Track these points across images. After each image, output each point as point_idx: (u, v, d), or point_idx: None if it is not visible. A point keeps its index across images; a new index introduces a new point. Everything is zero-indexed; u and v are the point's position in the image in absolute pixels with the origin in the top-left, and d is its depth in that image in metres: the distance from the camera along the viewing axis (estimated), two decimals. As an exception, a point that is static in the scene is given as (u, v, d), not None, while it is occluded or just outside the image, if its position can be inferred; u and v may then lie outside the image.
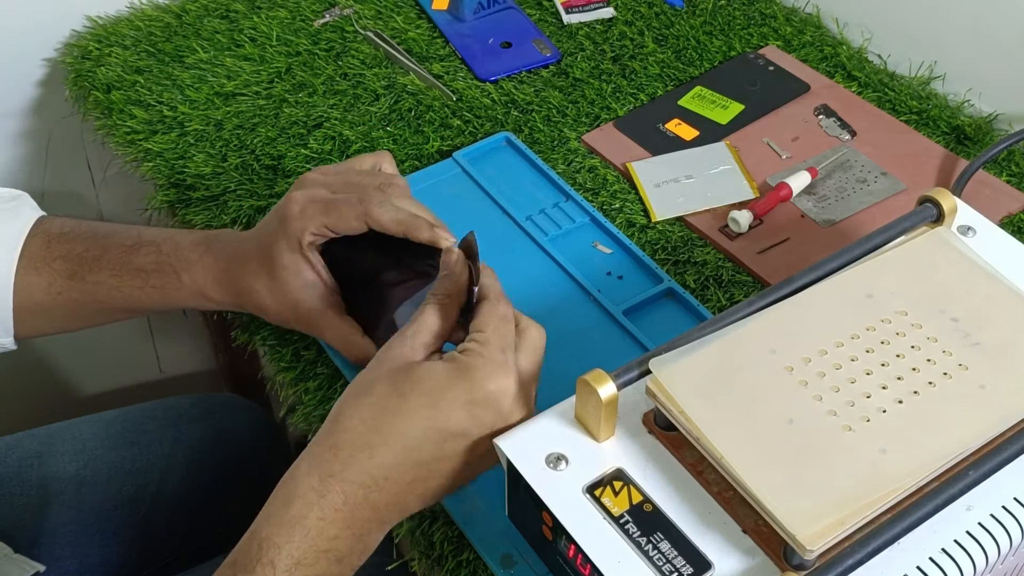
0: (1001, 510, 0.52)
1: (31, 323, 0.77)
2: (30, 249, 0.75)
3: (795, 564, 0.49)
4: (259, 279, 0.70)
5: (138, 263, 0.74)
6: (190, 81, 0.98)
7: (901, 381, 0.54)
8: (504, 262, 0.81)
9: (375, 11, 1.06)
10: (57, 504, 0.91)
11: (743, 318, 0.58)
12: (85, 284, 0.75)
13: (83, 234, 0.76)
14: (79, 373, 1.34)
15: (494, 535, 0.64)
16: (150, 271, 0.73)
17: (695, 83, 0.97)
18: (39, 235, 0.76)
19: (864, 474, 0.50)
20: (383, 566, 0.70)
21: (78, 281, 0.75)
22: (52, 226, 0.77)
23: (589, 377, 0.54)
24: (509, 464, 0.55)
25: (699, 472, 0.54)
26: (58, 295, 0.75)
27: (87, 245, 0.75)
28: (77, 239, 0.76)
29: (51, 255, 0.75)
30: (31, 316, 0.77)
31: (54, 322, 0.79)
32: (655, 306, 0.78)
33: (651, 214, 0.85)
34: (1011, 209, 0.84)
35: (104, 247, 0.75)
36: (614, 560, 0.51)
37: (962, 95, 0.95)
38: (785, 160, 0.89)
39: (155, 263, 0.73)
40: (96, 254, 0.75)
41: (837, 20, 1.03)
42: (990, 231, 0.66)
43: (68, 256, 0.75)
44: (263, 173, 0.89)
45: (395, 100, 0.95)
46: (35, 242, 0.76)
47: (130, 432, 0.97)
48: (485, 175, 0.88)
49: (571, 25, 1.04)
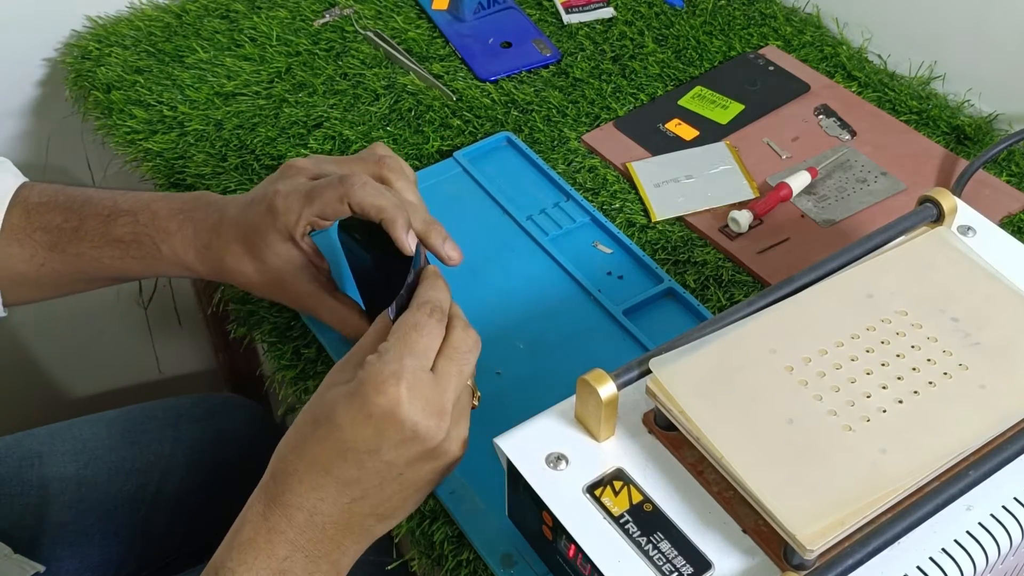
0: (1001, 510, 0.52)
1: (17, 292, 0.78)
2: (11, 220, 0.75)
3: (795, 564, 0.49)
4: (244, 262, 0.70)
5: (116, 233, 0.73)
6: (190, 81, 0.98)
7: (901, 381, 0.54)
8: (504, 262, 0.81)
9: (375, 11, 1.06)
10: (57, 504, 0.91)
11: (743, 318, 0.58)
12: (66, 255, 0.75)
13: (61, 203, 0.76)
14: (79, 373, 1.34)
15: (494, 535, 0.64)
16: (129, 242, 0.73)
17: (695, 83, 0.97)
18: (18, 205, 0.76)
19: (864, 474, 0.50)
20: (383, 566, 0.70)
21: (59, 252, 0.75)
22: (31, 195, 0.77)
23: (589, 377, 0.54)
24: (509, 464, 0.55)
25: (699, 472, 0.54)
26: (41, 266, 0.76)
27: (65, 215, 0.75)
28: (56, 209, 0.75)
29: (31, 226, 0.75)
30: (16, 286, 0.77)
31: (42, 291, 0.79)
32: (655, 306, 0.78)
33: (651, 214, 0.85)
34: (1011, 209, 0.84)
35: (82, 217, 0.75)
36: (614, 560, 0.51)
37: (962, 95, 0.95)
38: (785, 160, 0.89)
39: (133, 234, 0.73)
40: (75, 224, 0.74)
41: (837, 20, 1.03)
42: (990, 231, 0.66)
43: (47, 227, 0.75)
44: (263, 173, 0.89)
45: (395, 100, 0.95)
46: (15, 212, 0.75)
47: (130, 432, 0.97)
48: (485, 175, 0.88)
49: (571, 25, 1.04)
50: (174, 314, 1.33)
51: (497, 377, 0.73)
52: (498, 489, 0.60)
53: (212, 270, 0.72)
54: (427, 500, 0.67)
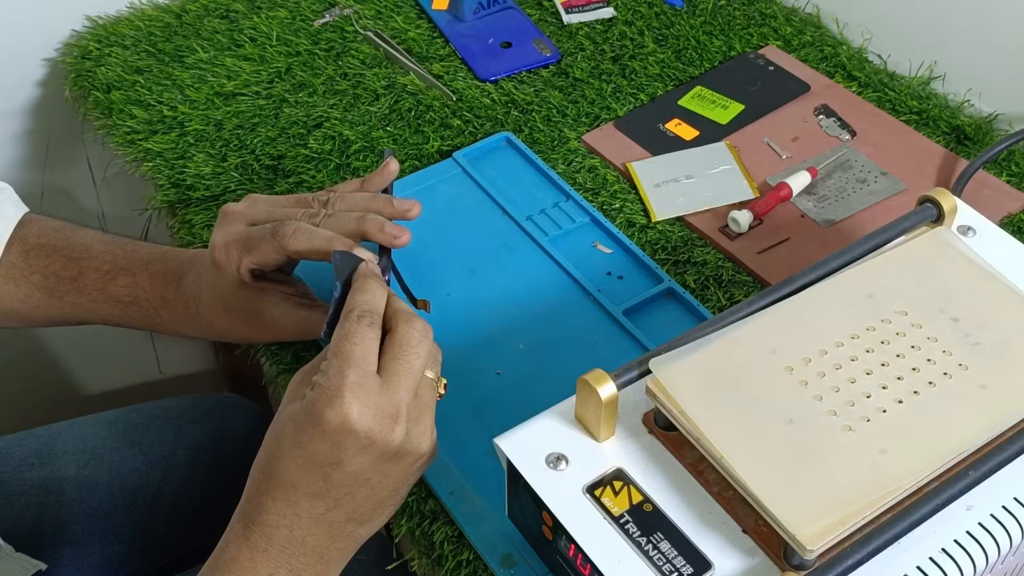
0: (1001, 510, 0.52)
1: (8, 323, 0.79)
2: (8, 258, 0.75)
3: (795, 564, 0.49)
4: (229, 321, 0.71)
5: (115, 293, 0.74)
6: (190, 81, 0.98)
7: (901, 381, 0.54)
8: (504, 262, 0.81)
9: (375, 11, 1.06)
10: (58, 504, 0.91)
11: (743, 318, 0.58)
12: (63, 304, 0.75)
13: (60, 248, 0.76)
14: (79, 373, 1.34)
15: (494, 535, 0.64)
16: (128, 303, 0.74)
17: (695, 83, 0.97)
18: (17, 242, 0.76)
19: (864, 474, 0.50)
20: (383, 566, 0.70)
21: (56, 299, 0.75)
22: (30, 233, 0.77)
23: (589, 377, 0.54)
24: (509, 464, 0.55)
25: (699, 472, 0.54)
26: (36, 308, 0.76)
27: (64, 263, 0.75)
28: (54, 254, 0.75)
29: (29, 268, 0.75)
30: (8, 320, 0.78)
31: (33, 325, 0.80)
32: (655, 306, 0.78)
33: (651, 214, 0.85)
34: (1011, 209, 0.84)
35: (80, 269, 0.75)
36: (614, 560, 0.51)
37: (962, 95, 0.95)
38: (785, 160, 0.89)
39: (132, 296, 0.73)
40: (73, 274, 0.75)
41: (837, 20, 1.03)
42: (990, 231, 0.66)
43: (45, 273, 0.75)
44: (263, 173, 0.89)
45: (395, 100, 0.95)
46: (13, 250, 0.76)
47: (131, 432, 0.97)
48: (485, 175, 0.88)
49: (571, 25, 1.04)
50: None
51: (497, 377, 0.73)
52: (498, 489, 0.60)
53: (206, 331, 0.73)
54: (427, 500, 0.67)
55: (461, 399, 0.71)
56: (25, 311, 0.77)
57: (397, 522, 0.67)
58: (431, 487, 0.67)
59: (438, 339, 0.60)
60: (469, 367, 0.73)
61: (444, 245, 0.82)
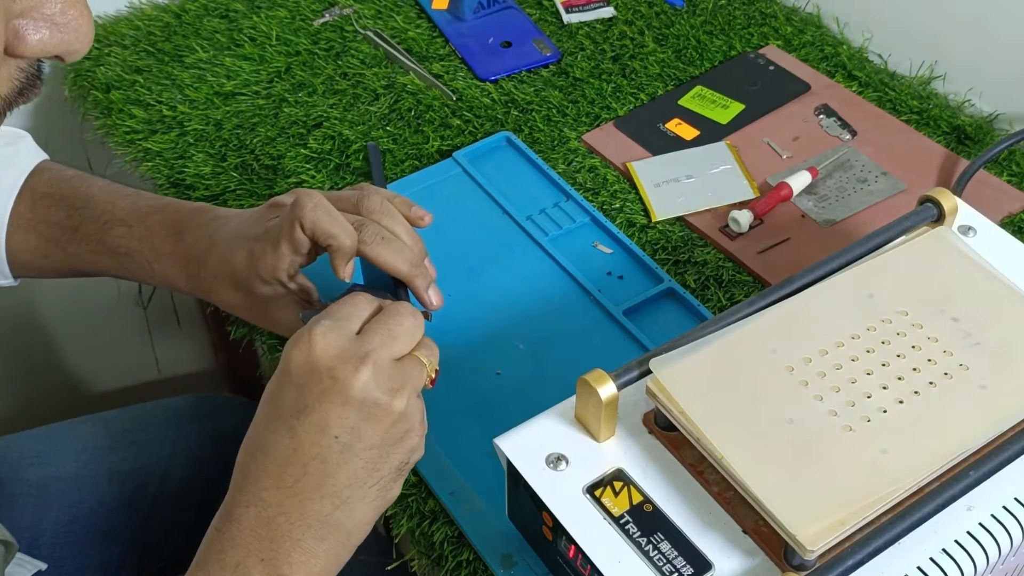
0: (1002, 510, 0.52)
1: (25, 273, 0.80)
2: (18, 208, 0.76)
3: (795, 564, 0.49)
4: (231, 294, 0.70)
5: (111, 243, 0.74)
6: (189, 81, 0.98)
7: (902, 381, 0.54)
8: (504, 262, 0.81)
9: (375, 11, 1.06)
10: (57, 504, 0.91)
11: (743, 318, 0.58)
12: (66, 253, 0.76)
13: (66, 198, 0.76)
14: (79, 373, 1.34)
15: (494, 535, 0.64)
16: (123, 254, 0.74)
17: (695, 83, 0.97)
18: (27, 192, 0.76)
19: (865, 474, 0.50)
20: (383, 566, 0.70)
21: (60, 249, 0.76)
22: (40, 183, 0.77)
23: (589, 377, 0.53)
24: (509, 464, 0.55)
25: (699, 472, 0.54)
26: (44, 258, 0.77)
27: (67, 212, 0.75)
28: (59, 204, 0.76)
29: (35, 217, 0.76)
30: (24, 269, 0.79)
31: (44, 274, 0.80)
32: (655, 306, 0.78)
33: (651, 214, 0.85)
34: (1012, 209, 0.84)
35: (80, 219, 0.75)
36: (614, 560, 0.51)
37: (962, 95, 0.95)
38: (785, 160, 0.89)
39: (126, 248, 0.73)
40: (74, 223, 0.75)
41: (837, 20, 1.03)
42: (991, 231, 0.66)
43: (49, 222, 0.75)
44: (263, 173, 0.89)
45: (395, 100, 0.95)
46: (23, 199, 0.76)
47: (130, 432, 0.96)
48: (485, 175, 0.88)
49: (571, 25, 1.04)
50: (173, 314, 1.33)
51: (497, 377, 0.73)
52: (498, 489, 0.60)
53: (203, 294, 0.73)
54: (427, 500, 0.67)
55: (461, 399, 0.71)
56: (35, 261, 0.77)
57: (397, 522, 0.67)
58: (431, 487, 0.67)
59: (438, 339, 0.60)
60: (469, 367, 0.73)
61: (444, 245, 0.81)
